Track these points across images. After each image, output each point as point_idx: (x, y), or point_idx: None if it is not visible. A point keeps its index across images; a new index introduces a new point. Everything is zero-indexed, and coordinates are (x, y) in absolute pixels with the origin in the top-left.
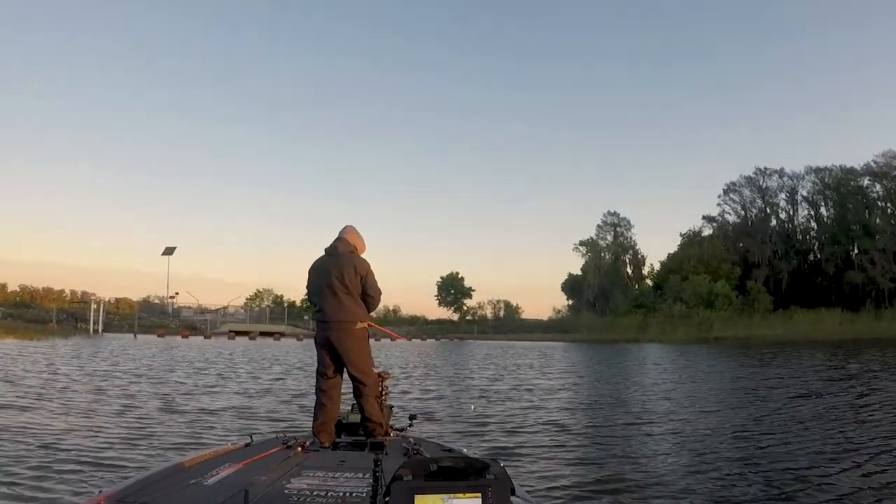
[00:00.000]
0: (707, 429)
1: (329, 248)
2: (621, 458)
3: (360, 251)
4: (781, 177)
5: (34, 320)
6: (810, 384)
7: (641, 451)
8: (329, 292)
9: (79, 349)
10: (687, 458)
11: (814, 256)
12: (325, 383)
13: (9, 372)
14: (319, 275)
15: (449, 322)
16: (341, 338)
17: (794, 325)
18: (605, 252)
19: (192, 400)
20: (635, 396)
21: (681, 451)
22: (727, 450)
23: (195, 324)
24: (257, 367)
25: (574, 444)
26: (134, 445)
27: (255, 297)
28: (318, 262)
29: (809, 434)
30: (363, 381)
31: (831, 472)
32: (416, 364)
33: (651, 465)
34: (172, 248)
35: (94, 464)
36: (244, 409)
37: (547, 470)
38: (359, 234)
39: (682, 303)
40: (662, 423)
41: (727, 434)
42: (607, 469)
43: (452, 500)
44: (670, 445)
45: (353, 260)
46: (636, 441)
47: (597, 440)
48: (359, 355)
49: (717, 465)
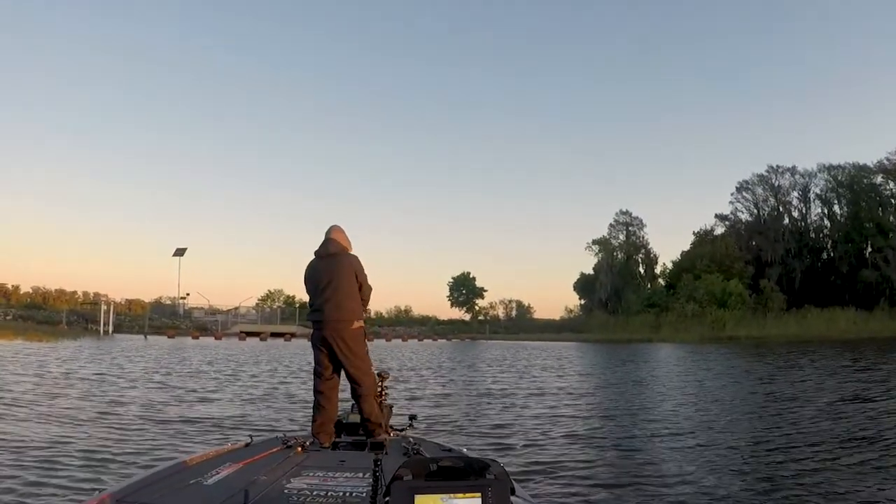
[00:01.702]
0: (733, 436)
1: (320, 251)
2: (626, 459)
3: (349, 250)
4: (794, 175)
5: (45, 321)
6: (849, 386)
7: (652, 455)
8: (326, 293)
9: (80, 351)
10: (702, 466)
11: (827, 255)
12: (322, 384)
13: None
14: (316, 278)
15: (461, 322)
16: (339, 337)
17: (808, 324)
18: (617, 251)
19: (190, 401)
20: (650, 398)
21: (696, 457)
22: (754, 463)
23: (206, 325)
24: (264, 369)
25: (577, 445)
26: (123, 448)
27: (267, 297)
28: (312, 266)
29: (861, 448)
30: (361, 382)
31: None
32: (423, 365)
33: (662, 470)
34: (183, 249)
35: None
36: (244, 410)
37: (548, 470)
38: (345, 233)
39: (694, 302)
40: (680, 428)
41: (755, 444)
42: (611, 469)
43: (452, 500)
44: (685, 451)
45: (348, 259)
46: (646, 444)
47: (604, 441)
48: (357, 355)
49: (739, 477)
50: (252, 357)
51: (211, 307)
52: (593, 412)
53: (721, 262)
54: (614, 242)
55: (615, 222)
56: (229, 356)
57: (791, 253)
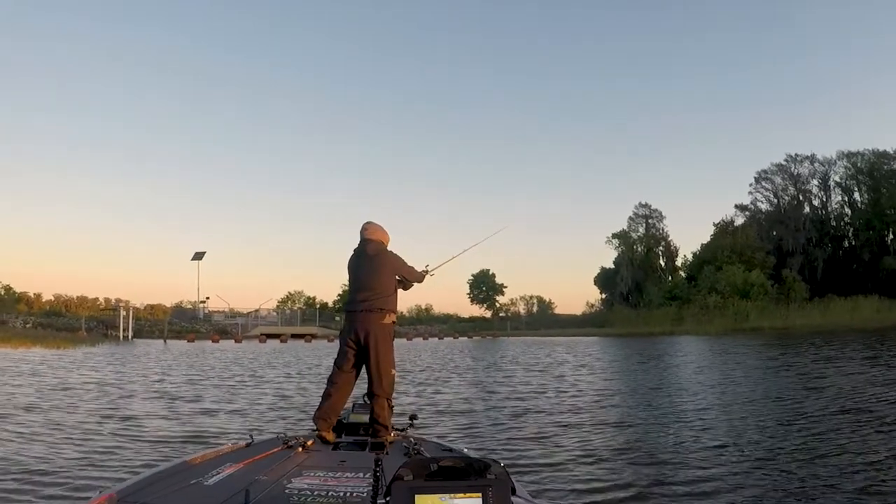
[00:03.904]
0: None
1: (358, 250)
2: (631, 460)
3: (387, 244)
4: (813, 163)
5: (64, 328)
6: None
7: (665, 458)
8: (362, 288)
9: (90, 357)
10: (722, 467)
11: (848, 243)
12: (338, 376)
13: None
14: (354, 271)
15: (482, 319)
16: (370, 330)
17: (832, 313)
18: (637, 244)
19: (195, 401)
20: (678, 397)
21: (716, 459)
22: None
23: (226, 328)
24: (279, 372)
25: (581, 445)
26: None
27: (287, 299)
28: (352, 260)
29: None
30: (380, 379)
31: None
32: (442, 365)
33: (669, 472)
34: (202, 253)
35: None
36: (249, 409)
37: (549, 470)
38: (381, 228)
39: (716, 294)
40: (707, 426)
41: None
42: (612, 470)
43: (453, 500)
44: (706, 452)
45: (385, 259)
46: (660, 446)
47: (610, 441)
48: (382, 350)
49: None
50: (267, 360)
51: (231, 310)
52: (605, 411)
53: (742, 253)
54: (634, 235)
55: (634, 215)
56: (235, 360)
57: (812, 242)
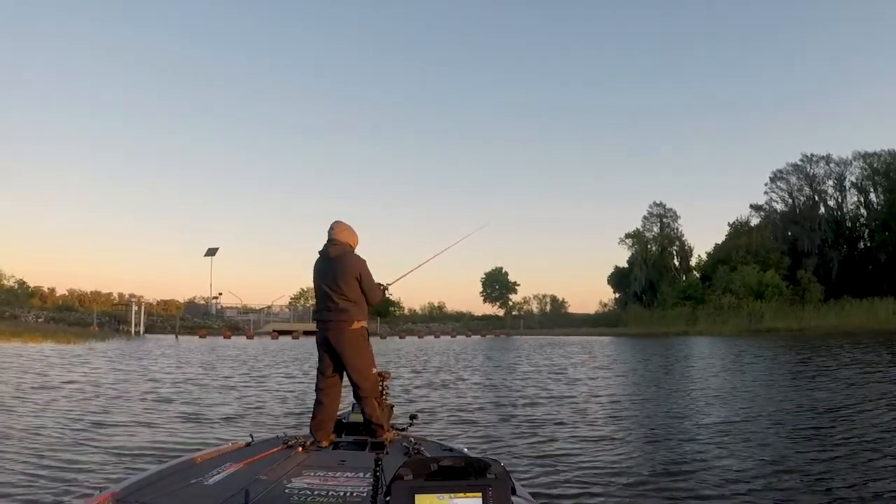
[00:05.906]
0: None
1: (323, 251)
2: (636, 461)
3: (354, 246)
4: (828, 163)
5: (76, 323)
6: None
7: (669, 457)
8: (326, 294)
9: (92, 352)
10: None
11: (864, 244)
12: (324, 382)
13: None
14: (318, 277)
15: (494, 318)
16: (338, 338)
17: (848, 314)
18: (651, 244)
19: (195, 399)
20: (690, 399)
21: (720, 462)
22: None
23: (238, 324)
24: (290, 370)
25: (583, 445)
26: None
27: (300, 295)
28: (317, 266)
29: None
30: (361, 383)
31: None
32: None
33: (674, 473)
34: (215, 249)
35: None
36: (250, 408)
37: (550, 469)
38: (350, 229)
39: (731, 294)
40: (714, 432)
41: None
42: (614, 470)
43: (453, 500)
44: (709, 455)
45: (348, 262)
46: (664, 445)
47: (614, 441)
48: (356, 356)
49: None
50: (277, 357)
51: (244, 306)
52: (615, 415)
53: (757, 253)
54: (648, 235)
55: (649, 214)
56: (236, 356)
57: (828, 243)
